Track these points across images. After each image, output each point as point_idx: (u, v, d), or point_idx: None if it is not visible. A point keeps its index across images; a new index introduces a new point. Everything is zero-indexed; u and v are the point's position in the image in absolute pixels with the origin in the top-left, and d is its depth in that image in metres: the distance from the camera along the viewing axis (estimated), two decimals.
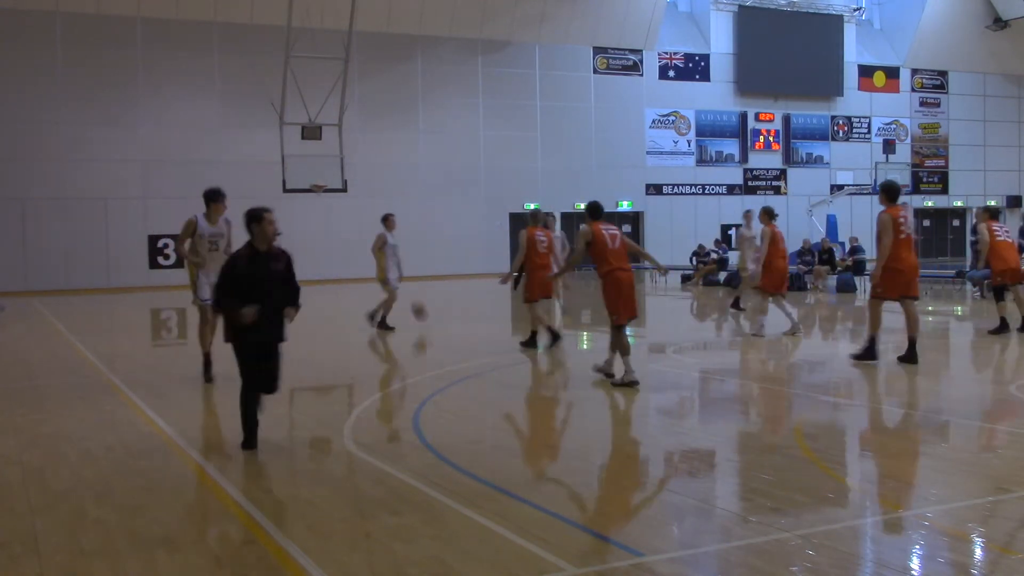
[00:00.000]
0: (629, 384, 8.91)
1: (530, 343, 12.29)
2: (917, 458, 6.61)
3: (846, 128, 40.97)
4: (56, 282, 28.30)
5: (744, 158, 38.93)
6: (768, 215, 13.68)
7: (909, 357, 10.01)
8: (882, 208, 10.24)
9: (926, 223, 42.34)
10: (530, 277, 12.32)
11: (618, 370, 9.19)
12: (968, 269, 20.97)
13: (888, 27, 42.53)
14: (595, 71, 36.08)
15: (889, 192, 10.26)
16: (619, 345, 9.13)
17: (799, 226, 34.17)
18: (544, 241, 12.46)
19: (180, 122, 30.11)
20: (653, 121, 37.25)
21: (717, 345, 13.58)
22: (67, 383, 10.29)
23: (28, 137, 28.36)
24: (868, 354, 10.27)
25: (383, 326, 14.65)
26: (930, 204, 42.66)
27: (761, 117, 39.18)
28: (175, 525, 4.96)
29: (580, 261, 9.89)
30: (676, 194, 37.73)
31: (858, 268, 22.83)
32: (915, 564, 4.32)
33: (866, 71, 41.34)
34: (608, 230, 9.21)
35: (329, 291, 25.31)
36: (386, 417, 8.25)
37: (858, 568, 4.26)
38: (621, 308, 9.03)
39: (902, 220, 10.01)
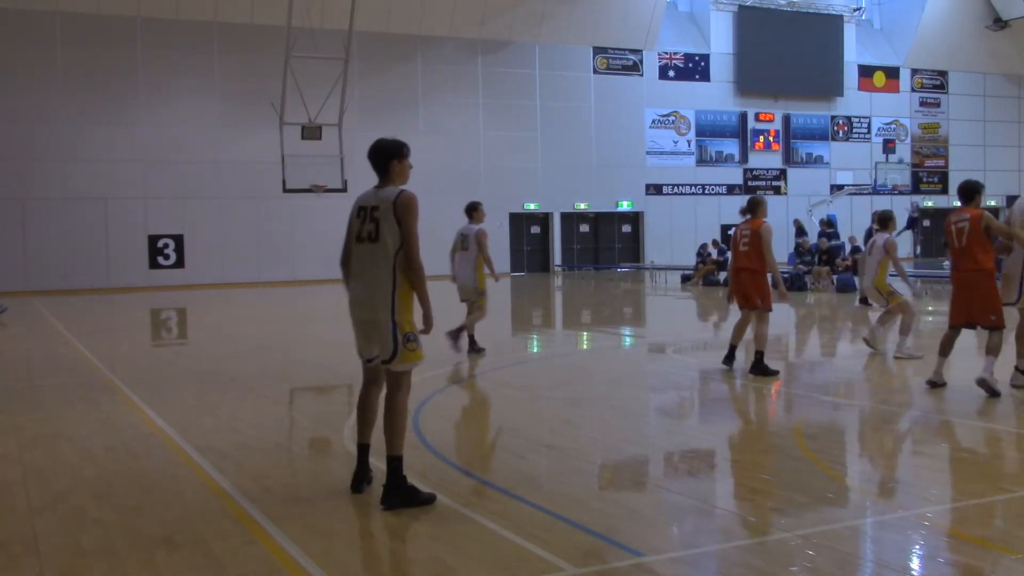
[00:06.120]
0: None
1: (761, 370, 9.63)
2: (917, 458, 6.61)
3: (846, 128, 40.98)
4: (56, 282, 28.31)
5: (744, 158, 38.95)
6: None
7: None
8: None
9: (926, 223, 42.35)
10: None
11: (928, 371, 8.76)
12: None
13: (888, 27, 42.54)
14: (595, 71, 36.09)
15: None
16: (943, 345, 8.51)
17: None
18: (747, 235, 9.83)
19: (180, 122, 30.12)
20: (653, 121, 37.26)
21: (717, 345, 13.57)
22: (67, 383, 10.29)
23: (28, 137, 28.37)
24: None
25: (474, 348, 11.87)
26: (930, 204, 42.66)
27: (761, 117, 39.19)
28: (175, 525, 4.95)
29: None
30: (676, 194, 37.74)
31: (857, 268, 22.81)
32: (915, 564, 4.32)
33: (866, 71, 41.35)
34: (956, 223, 8.21)
35: (329, 291, 25.30)
36: None
37: (858, 568, 4.26)
38: (950, 309, 8.49)
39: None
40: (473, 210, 11.81)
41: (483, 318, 11.86)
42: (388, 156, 5.29)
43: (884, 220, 11.62)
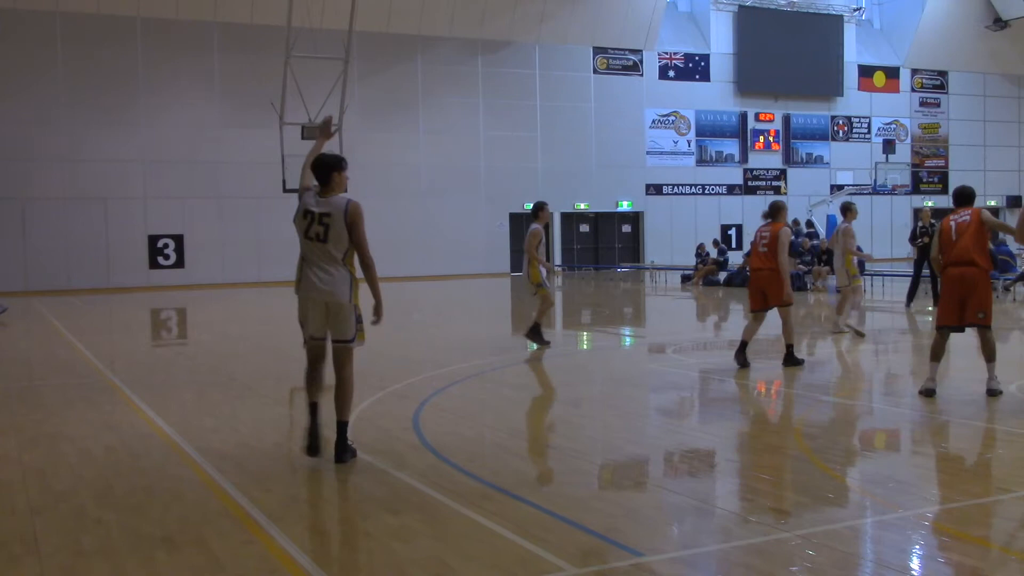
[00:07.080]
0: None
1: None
2: (917, 458, 6.61)
3: (846, 128, 40.99)
4: (56, 282, 28.31)
5: (744, 158, 38.95)
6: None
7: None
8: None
9: (932, 222, 42.35)
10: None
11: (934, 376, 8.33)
12: None
13: (888, 27, 42.54)
14: (595, 71, 36.09)
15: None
16: (935, 351, 8.20)
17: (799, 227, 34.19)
18: (766, 237, 10.16)
19: (180, 122, 30.13)
20: (653, 121, 37.26)
21: (717, 345, 13.58)
22: (67, 383, 10.29)
23: (28, 137, 28.38)
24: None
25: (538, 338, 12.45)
26: (930, 204, 42.60)
27: (761, 117, 39.19)
28: (175, 525, 4.96)
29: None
30: (676, 194, 37.74)
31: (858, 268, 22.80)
32: (915, 564, 4.32)
33: (866, 71, 41.36)
34: (957, 219, 8.09)
35: None
36: (386, 417, 8.24)
37: (858, 568, 4.26)
38: (939, 309, 8.28)
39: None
40: (539, 210, 12.40)
41: (548, 308, 12.40)
42: (330, 168, 6.14)
43: (844, 209, 12.73)
